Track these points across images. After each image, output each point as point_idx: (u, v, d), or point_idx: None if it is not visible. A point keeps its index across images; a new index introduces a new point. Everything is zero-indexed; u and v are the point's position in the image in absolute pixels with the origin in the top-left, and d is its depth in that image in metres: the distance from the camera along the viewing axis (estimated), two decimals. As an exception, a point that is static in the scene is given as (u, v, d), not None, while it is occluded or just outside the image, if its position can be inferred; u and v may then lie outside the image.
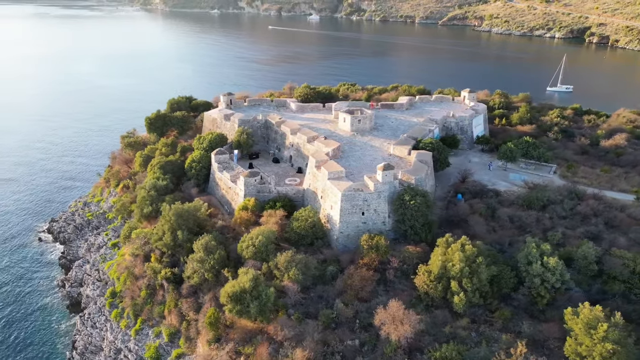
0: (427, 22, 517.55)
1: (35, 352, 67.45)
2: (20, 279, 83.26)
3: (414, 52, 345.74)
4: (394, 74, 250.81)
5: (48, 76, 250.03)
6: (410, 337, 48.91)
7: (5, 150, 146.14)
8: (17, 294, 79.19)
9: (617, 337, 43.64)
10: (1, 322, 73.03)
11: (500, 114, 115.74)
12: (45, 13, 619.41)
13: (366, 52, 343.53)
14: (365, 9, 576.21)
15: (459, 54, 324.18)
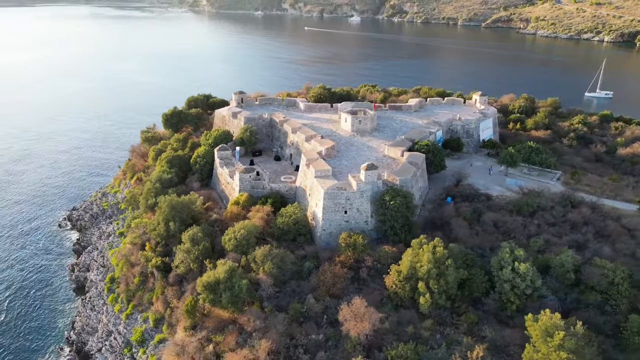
0: (470, 24, 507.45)
1: (37, 328, 72.27)
2: (35, 261, 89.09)
3: (454, 54, 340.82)
4: (431, 77, 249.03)
5: (94, 73, 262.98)
6: (371, 335, 49.66)
7: (43, 139, 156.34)
8: (29, 275, 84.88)
9: (573, 346, 42.74)
10: (10, 298, 78.63)
11: (516, 119, 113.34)
12: (100, 13, 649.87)
13: (405, 54, 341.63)
14: (407, 11, 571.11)
15: (501, 57, 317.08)
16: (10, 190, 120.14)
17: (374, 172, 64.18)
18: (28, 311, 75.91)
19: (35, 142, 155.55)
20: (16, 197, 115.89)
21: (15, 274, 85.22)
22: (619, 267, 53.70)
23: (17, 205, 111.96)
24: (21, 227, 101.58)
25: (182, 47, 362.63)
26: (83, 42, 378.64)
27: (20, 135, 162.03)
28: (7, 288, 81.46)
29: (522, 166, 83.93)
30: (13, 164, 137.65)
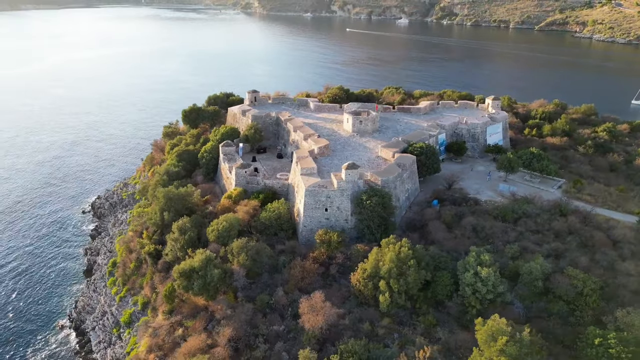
0: (523, 27, 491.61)
1: (45, 304, 78.25)
2: (53, 243, 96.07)
3: (503, 58, 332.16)
4: (473, 81, 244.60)
5: (141, 71, 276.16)
6: (326, 329, 50.88)
7: (87, 129, 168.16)
8: (46, 255, 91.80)
9: (515, 352, 42.32)
10: (25, 274, 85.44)
11: (533, 124, 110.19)
12: (157, 15, 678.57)
13: (449, 57, 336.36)
14: (457, 13, 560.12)
15: (552, 62, 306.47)
16: (48, 175, 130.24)
17: (354, 172, 65.13)
18: (39, 288, 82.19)
19: (82, 131, 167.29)
20: (51, 182, 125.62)
21: (35, 253, 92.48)
22: (591, 278, 52.14)
23: (51, 189, 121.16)
24: (49, 210, 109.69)
25: (228, 47, 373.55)
26: (138, 42, 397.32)
27: (71, 126, 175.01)
28: (23, 265, 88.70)
29: (523, 172, 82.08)
30: (59, 150, 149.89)
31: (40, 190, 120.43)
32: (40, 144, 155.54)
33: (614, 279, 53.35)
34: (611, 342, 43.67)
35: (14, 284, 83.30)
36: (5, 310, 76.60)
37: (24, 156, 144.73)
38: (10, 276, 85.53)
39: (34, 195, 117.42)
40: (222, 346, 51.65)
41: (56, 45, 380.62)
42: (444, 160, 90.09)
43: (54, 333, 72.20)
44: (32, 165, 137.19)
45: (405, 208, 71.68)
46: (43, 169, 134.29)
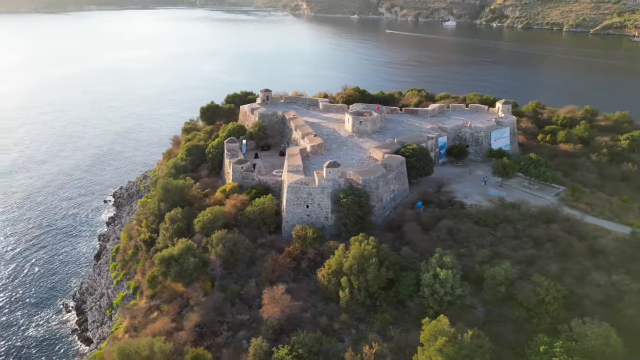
0: (577, 31, 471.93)
1: (55, 283, 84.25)
2: (73, 227, 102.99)
3: (552, 62, 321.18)
4: (514, 84, 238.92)
5: (184, 70, 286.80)
6: (283, 319, 52.54)
7: (118, 124, 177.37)
8: (63, 238, 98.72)
9: (452, 352, 42.45)
10: (40, 256, 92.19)
11: (549, 130, 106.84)
12: (209, 16, 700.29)
13: (495, 60, 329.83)
14: (508, 15, 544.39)
15: (605, 67, 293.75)
16: (80, 163, 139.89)
17: (335, 170, 66.34)
18: (51, 267, 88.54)
19: (117, 125, 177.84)
20: (82, 170, 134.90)
21: (54, 235, 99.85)
22: (556, 286, 50.97)
23: (80, 177, 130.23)
24: (75, 196, 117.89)
25: (270, 48, 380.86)
26: (186, 42, 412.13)
27: (109, 119, 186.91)
28: (42, 245, 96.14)
29: (522, 178, 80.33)
30: (95, 140, 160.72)
31: (70, 177, 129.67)
32: (79, 134, 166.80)
33: (581, 289, 51.80)
34: (556, 350, 42.86)
35: (29, 261, 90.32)
36: (17, 286, 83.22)
37: (64, 144, 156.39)
38: (26, 253, 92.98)
39: (64, 181, 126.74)
40: (186, 330, 54.42)
41: (111, 44, 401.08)
42: (445, 163, 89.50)
43: (57, 311, 77.59)
44: (67, 153, 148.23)
45: (390, 208, 72.05)
46: (76, 158, 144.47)
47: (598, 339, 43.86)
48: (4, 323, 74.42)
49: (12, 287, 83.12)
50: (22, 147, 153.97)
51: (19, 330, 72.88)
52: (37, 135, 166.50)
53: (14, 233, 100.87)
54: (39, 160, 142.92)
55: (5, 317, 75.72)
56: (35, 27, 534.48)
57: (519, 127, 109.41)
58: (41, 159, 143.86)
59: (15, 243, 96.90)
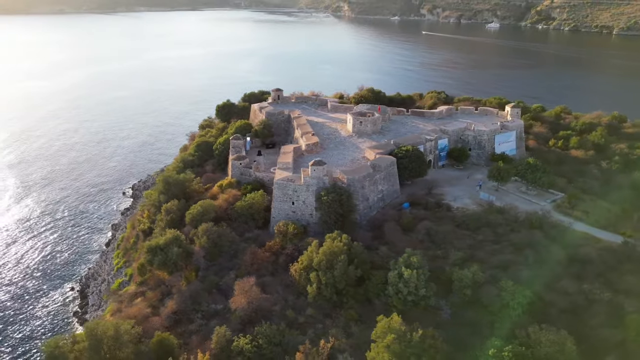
0: (628, 34, 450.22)
1: (63, 267, 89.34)
2: (90, 216, 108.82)
3: (603, 67, 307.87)
4: (550, 88, 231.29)
5: (219, 70, 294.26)
6: (251, 310, 54.25)
7: (147, 120, 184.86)
8: (79, 225, 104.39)
9: (398, 350, 42.93)
10: (56, 241, 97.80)
11: (563, 135, 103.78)
12: (250, 17, 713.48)
13: (536, 63, 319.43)
14: (555, 17, 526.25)
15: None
16: (105, 155, 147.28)
17: (319, 168, 67.47)
18: (64, 252, 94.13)
19: (147, 120, 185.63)
20: (106, 162, 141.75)
21: (71, 222, 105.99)
22: (523, 291, 50.23)
23: (103, 168, 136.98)
24: (96, 189, 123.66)
25: (306, 48, 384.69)
26: (227, 42, 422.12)
27: (140, 113, 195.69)
28: (58, 230, 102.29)
29: (521, 183, 78.80)
30: (124, 133, 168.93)
31: (95, 167, 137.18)
32: (110, 128, 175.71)
33: (549, 296, 50.80)
34: (505, 354, 42.47)
35: (43, 245, 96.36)
36: (30, 266, 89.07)
37: (94, 136, 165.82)
38: (44, 237, 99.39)
39: (89, 171, 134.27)
40: (161, 316, 57.06)
41: (156, 43, 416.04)
42: (445, 166, 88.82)
43: (63, 293, 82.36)
44: (95, 144, 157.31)
45: (377, 208, 72.41)
46: (104, 149, 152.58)
47: (552, 346, 43.09)
48: (13, 299, 79.85)
49: (26, 267, 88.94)
50: (54, 136, 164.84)
51: (25, 308, 77.99)
52: (69, 126, 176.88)
53: (34, 217, 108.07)
54: (67, 149, 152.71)
55: (15, 294, 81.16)
56: (86, 27, 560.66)
57: (532, 131, 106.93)
58: (69, 148, 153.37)
59: (35, 226, 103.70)
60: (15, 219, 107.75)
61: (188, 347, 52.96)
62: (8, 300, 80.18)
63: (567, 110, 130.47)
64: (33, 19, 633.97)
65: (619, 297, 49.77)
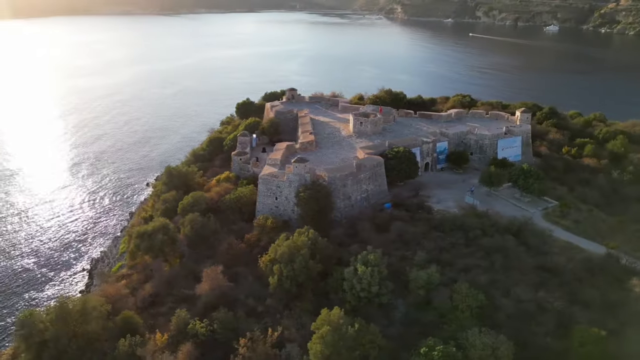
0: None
1: (79, 249, 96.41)
2: (109, 203, 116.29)
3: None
4: (602, 97, 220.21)
5: (263, 70, 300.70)
6: (212, 296, 56.99)
7: (183, 116, 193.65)
8: (101, 210, 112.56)
9: (332, 341, 44.25)
10: (76, 219, 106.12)
11: (580, 143, 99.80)
12: (303, 19, 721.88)
13: (592, 69, 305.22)
14: (620, 20, 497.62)
15: None
16: (137, 147, 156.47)
17: (301, 165, 69.27)
18: (82, 234, 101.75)
19: (183, 117, 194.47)
20: (136, 153, 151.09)
21: (94, 206, 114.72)
22: (476, 296, 49.89)
23: (133, 159, 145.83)
24: (123, 179, 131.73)
25: (352, 50, 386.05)
26: (276, 43, 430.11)
27: (177, 109, 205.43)
28: (80, 212, 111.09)
29: (515, 189, 77.09)
30: (159, 126, 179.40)
31: (124, 158, 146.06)
32: (148, 122, 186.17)
33: (500, 301, 50.14)
34: (435, 354, 42.71)
35: (66, 224, 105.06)
36: (50, 246, 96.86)
37: (131, 128, 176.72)
38: (65, 217, 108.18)
39: (117, 160, 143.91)
40: (136, 297, 60.99)
41: (208, 44, 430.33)
42: (444, 169, 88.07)
43: (73, 273, 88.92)
44: (127, 136, 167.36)
45: (361, 207, 73.13)
46: (136, 141, 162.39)
47: (485, 349, 42.89)
48: (27, 273, 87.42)
49: (45, 246, 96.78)
50: (98, 128, 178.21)
51: (36, 284, 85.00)
52: (112, 119, 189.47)
53: (58, 200, 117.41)
54: (108, 139, 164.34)
55: (30, 270, 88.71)
56: (148, 28, 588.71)
57: (548, 138, 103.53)
58: (106, 138, 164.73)
59: (58, 210, 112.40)
60: (48, 198, 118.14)
61: (154, 327, 56.44)
62: (24, 271, 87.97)
63: (601, 117, 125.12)
64: (101, 20, 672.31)
65: (575, 307, 48.37)
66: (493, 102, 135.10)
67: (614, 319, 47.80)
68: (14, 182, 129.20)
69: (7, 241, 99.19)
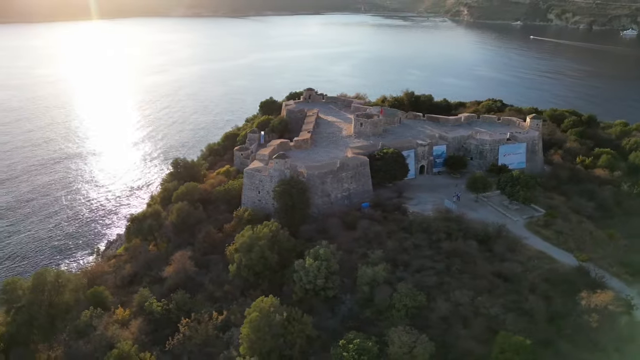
0: None
1: (99, 230, 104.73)
2: (134, 189, 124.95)
3: None
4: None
5: (312, 71, 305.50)
6: (176, 278, 60.88)
7: (224, 113, 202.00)
8: (123, 194, 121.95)
9: (256, 327, 46.33)
10: (99, 200, 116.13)
11: (596, 153, 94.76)
12: (365, 21, 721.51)
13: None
14: None
15: None
16: (174, 140, 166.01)
17: (281, 161, 71.64)
18: (104, 216, 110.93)
19: (223, 114, 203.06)
20: (166, 144, 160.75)
21: (116, 189, 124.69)
22: (416, 296, 50.02)
23: (162, 148, 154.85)
24: (141, 165, 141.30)
25: (405, 52, 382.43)
26: (334, 45, 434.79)
27: (219, 105, 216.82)
28: (104, 194, 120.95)
29: (502, 196, 75.13)
30: (198, 123, 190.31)
31: (156, 146, 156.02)
32: (192, 118, 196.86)
33: (436, 303, 49.92)
34: (350, 347, 43.72)
35: (93, 204, 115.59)
36: (72, 225, 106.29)
37: (171, 121, 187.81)
38: (94, 195, 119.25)
39: (152, 149, 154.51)
40: (116, 275, 66.20)
41: (268, 45, 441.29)
42: (441, 172, 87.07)
43: (89, 252, 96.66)
44: (167, 127, 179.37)
45: (342, 205, 74.19)
46: (175, 133, 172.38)
47: (402, 347, 43.31)
48: (48, 246, 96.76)
49: (67, 224, 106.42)
50: (153, 121, 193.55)
51: (53, 255, 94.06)
52: (164, 115, 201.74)
53: (82, 183, 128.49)
54: (140, 130, 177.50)
55: (51, 245, 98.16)
56: (215, 29, 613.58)
57: (564, 147, 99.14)
58: (144, 130, 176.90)
59: (81, 194, 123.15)
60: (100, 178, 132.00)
61: (126, 303, 61.13)
62: (47, 239, 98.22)
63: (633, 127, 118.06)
64: (174, 21, 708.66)
65: (510, 315, 47.27)
66: (525, 108, 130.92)
67: (551, 330, 46.30)
68: (90, 160, 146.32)
69: (48, 210, 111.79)
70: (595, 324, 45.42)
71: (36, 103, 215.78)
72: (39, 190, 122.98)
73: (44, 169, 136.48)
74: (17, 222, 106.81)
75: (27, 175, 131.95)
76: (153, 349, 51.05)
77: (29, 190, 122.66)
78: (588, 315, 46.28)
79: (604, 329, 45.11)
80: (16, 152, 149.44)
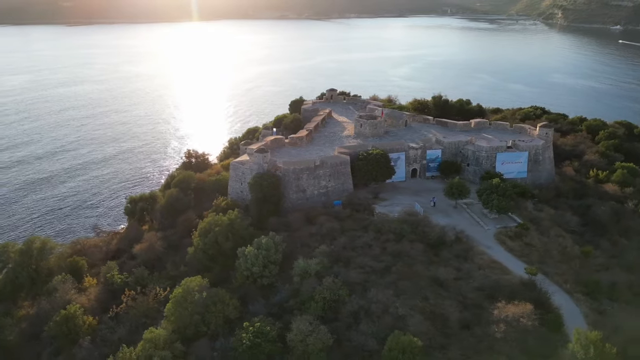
0: None
1: (104, 214, 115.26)
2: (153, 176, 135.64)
3: None
4: None
5: (369, 74, 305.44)
6: (145, 256, 66.59)
7: (253, 114, 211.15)
8: (138, 179, 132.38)
9: (177, 302, 50.30)
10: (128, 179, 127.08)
11: (614, 168, 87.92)
12: (448, 24, 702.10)
13: None
14: None
15: None
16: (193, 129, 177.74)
17: (260, 155, 75.10)
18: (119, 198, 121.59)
19: (253, 114, 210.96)
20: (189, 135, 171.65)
21: (132, 175, 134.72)
22: (338, 290, 51.19)
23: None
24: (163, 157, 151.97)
25: (477, 57, 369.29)
26: (400, 48, 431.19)
27: (248, 107, 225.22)
28: (131, 173, 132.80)
29: (482, 204, 72.86)
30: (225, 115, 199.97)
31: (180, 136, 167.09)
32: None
33: (359, 300, 50.63)
34: (251, 329, 46.32)
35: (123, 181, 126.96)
36: (94, 199, 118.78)
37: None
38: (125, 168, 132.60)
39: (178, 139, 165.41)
40: (101, 249, 73.47)
41: (335, 47, 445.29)
42: (434, 177, 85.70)
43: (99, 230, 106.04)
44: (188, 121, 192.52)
45: (319, 202, 75.89)
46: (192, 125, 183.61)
47: (298, 335, 45.13)
48: (63, 214, 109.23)
49: (89, 199, 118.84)
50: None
51: (65, 228, 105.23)
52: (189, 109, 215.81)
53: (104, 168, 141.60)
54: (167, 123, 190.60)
55: (70, 209, 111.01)
56: (296, 31, 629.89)
57: (583, 159, 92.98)
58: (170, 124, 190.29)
59: (108, 178, 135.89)
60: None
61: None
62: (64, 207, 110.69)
63: None
64: (261, 23, 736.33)
65: (417, 316, 47.04)
66: (576, 118, 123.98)
67: (457, 336, 45.50)
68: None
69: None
70: (499, 334, 44.00)
71: (114, 94, 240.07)
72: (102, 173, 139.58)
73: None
74: (64, 196, 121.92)
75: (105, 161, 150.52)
76: (101, 315, 56.87)
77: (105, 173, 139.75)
78: (495, 325, 44.87)
79: (508, 340, 43.61)
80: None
